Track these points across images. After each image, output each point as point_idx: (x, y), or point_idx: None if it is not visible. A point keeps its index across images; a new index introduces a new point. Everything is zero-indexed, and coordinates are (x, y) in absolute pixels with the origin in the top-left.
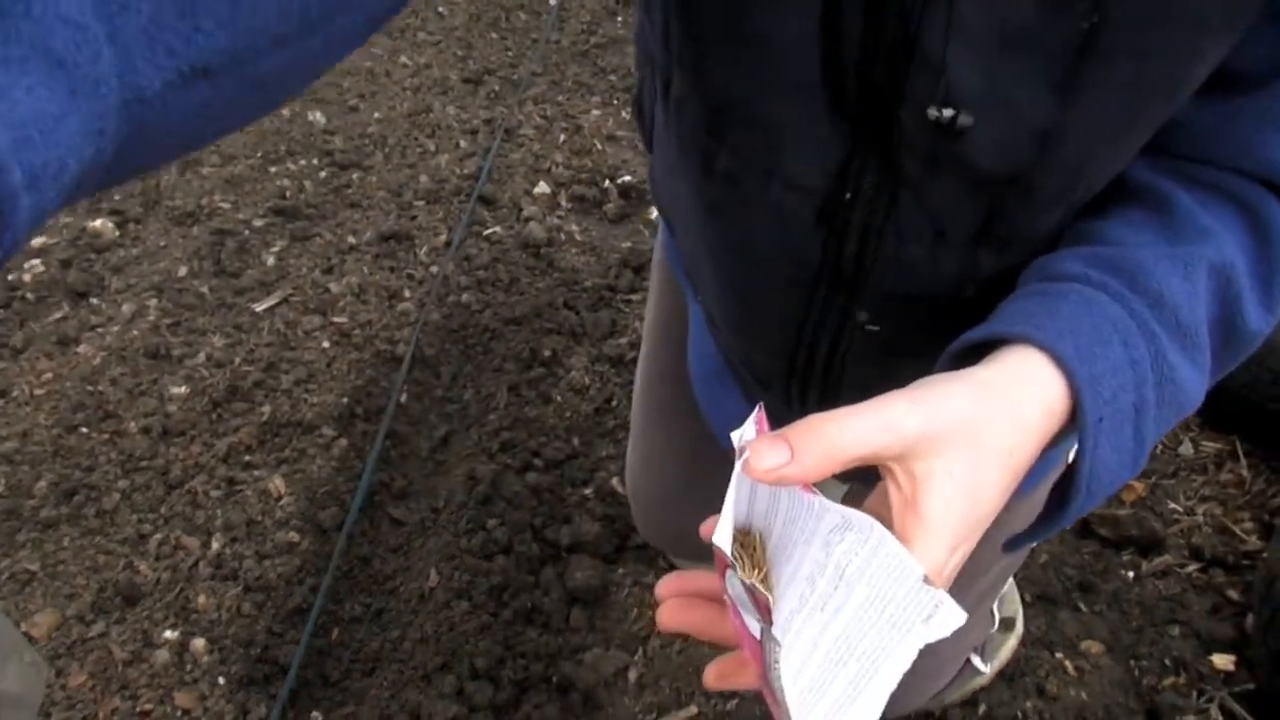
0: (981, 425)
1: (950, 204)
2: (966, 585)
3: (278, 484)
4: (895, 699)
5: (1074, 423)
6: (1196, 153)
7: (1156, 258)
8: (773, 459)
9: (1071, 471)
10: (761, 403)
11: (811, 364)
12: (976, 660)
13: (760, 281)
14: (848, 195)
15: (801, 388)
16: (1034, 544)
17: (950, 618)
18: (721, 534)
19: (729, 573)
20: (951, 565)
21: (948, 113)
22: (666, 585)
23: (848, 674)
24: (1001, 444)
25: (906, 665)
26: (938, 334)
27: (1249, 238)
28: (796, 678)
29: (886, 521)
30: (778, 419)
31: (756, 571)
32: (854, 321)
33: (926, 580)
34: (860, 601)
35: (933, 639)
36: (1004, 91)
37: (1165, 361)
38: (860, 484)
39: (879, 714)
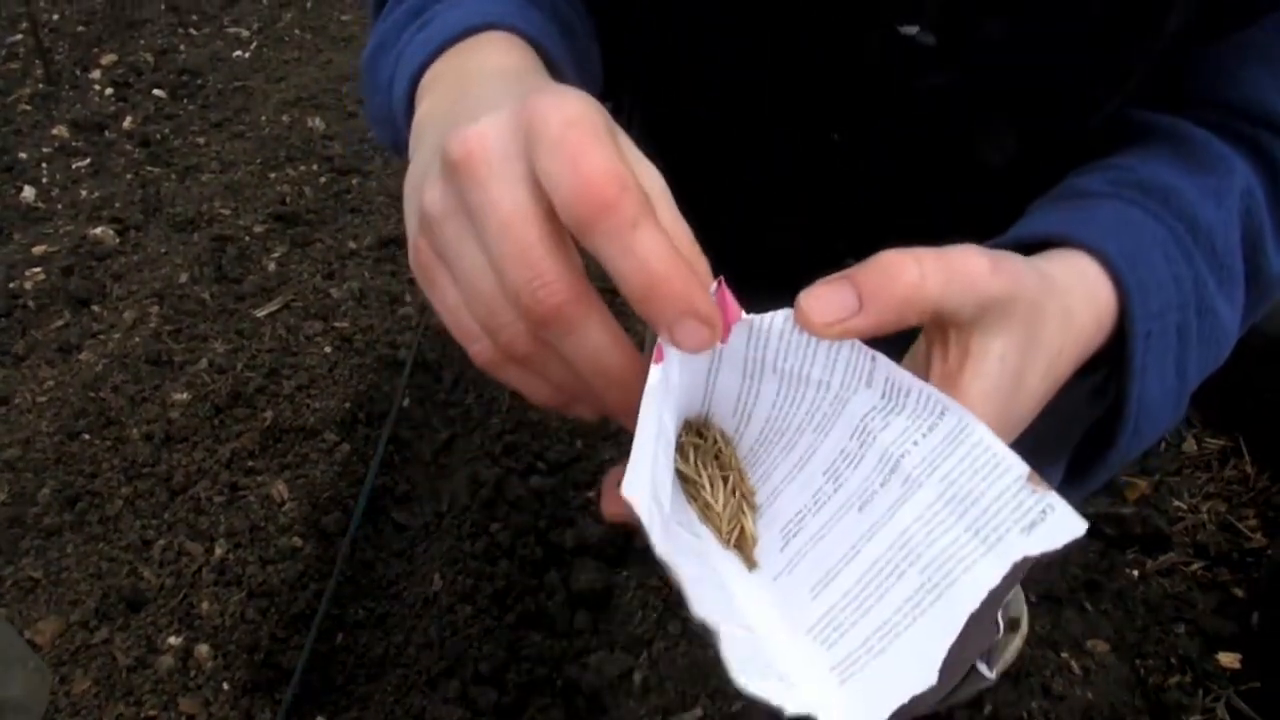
0: (1042, 315)
1: (917, 136)
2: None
3: (280, 489)
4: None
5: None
6: (1187, 91)
7: (1187, 184)
8: (834, 309)
9: (1111, 412)
10: (723, 276)
11: None
12: (983, 667)
13: (750, 236)
14: (835, 136)
15: None
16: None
17: (1065, 526)
18: (634, 484)
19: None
20: None
21: (912, 29)
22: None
23: (905, 587)
24: (1054, 342)
25: (994, 584)
26: None
27: (1262, 173)
28: (818, 592)
29: None
30: None
31: (709, 483)
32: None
33: (1031, 479)
34: (928, 502)
35: (1036, 552)
36: (963, 10)
37: (1205, 288)
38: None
39: (949, 643)
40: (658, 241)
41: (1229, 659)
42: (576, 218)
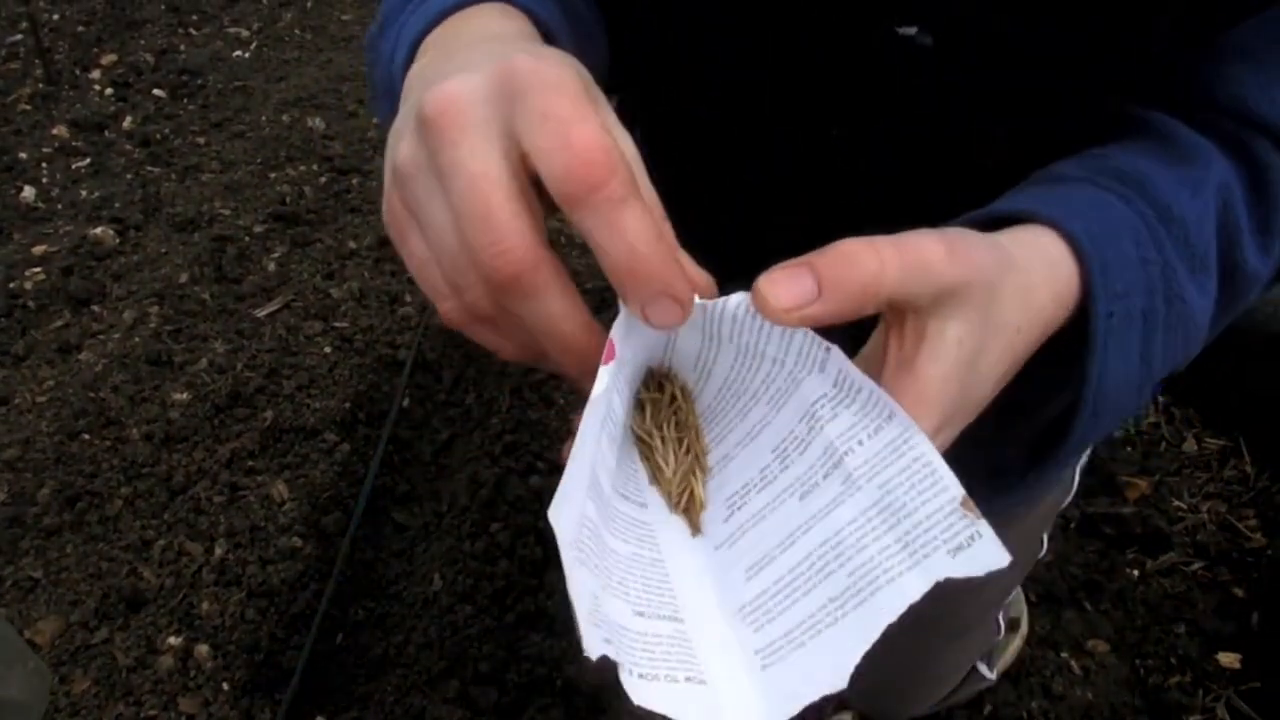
0: (998, 296)
1: (918, 135)
2: (972, 595)
3: (280, 489)
4: (897, 704)
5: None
6: (1173, 90)
7: (1163, 173)
8: (793, 295)
9: (1073, 395)
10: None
11: None
12: (983, 668)
13: (750, 236)
14: (834, 131)
15: None
16: (1031, 486)
17: (988, 556)
18: (559, 508)
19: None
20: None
21: (910, 30)
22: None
23: (831, 587)
24: (1011, 321)
25: (914, 598)
26: None
27: (1241, 170)
28: (752, 574)
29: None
30: None
31: (663, 445)
32: None
33: (965, 504)
34: (864, 506)
35: (959, 575)
36: (963, 11)
37: (1175, 275)
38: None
39: (862, 650)
40: (643, 222)
41: (1229, 659)
42: (565, 193)
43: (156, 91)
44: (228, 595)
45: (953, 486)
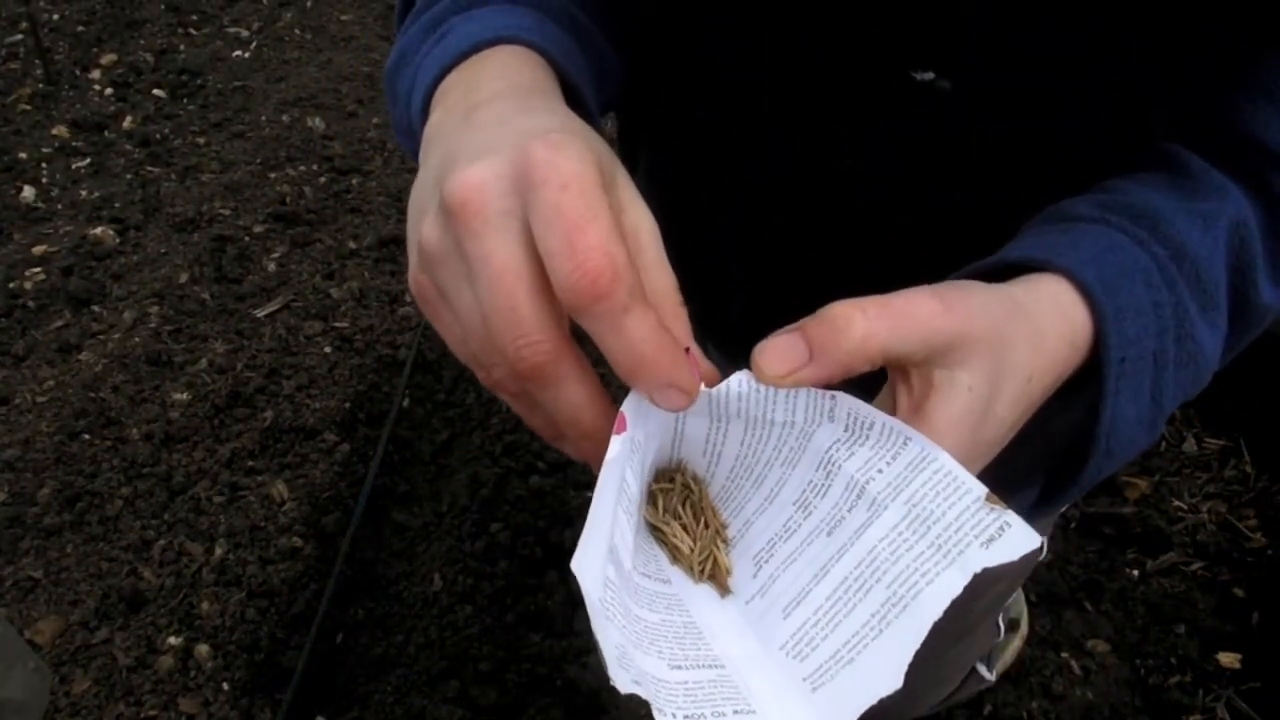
0: (1008, 343)
1: (917, 135)
2: (975, 600)
3: (280, 489)
4: (897, 705)
5: (1087, 375)
6: (1186, 122)
7: (1176, 210)
8: (786, 361)
9: (1085, 430)
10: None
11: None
12: (983, 669)
13: (750, 236)
14: (832, 130)
15: None
16: (1043, 517)
17: (1022, 540)
18: (582, 561)
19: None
20: None
21: (928, 75)
22: None
23: (871, 602)
24: (1023, 368)
25: (955, 593)
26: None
27: (1259, 206)
28: (789, 611)
29: None
30: None
31: (677, 528)
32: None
33: (989, 499)
34: (893, 523)
35: (995, 564)
36: (978, 56)
37: (1186, 315)
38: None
39: (913, 650)
40: (645, 327)
41: (1229, 659)
42: (570, 301)
43: (156, 91)
44: (228, 595)
45: (976, 487)
